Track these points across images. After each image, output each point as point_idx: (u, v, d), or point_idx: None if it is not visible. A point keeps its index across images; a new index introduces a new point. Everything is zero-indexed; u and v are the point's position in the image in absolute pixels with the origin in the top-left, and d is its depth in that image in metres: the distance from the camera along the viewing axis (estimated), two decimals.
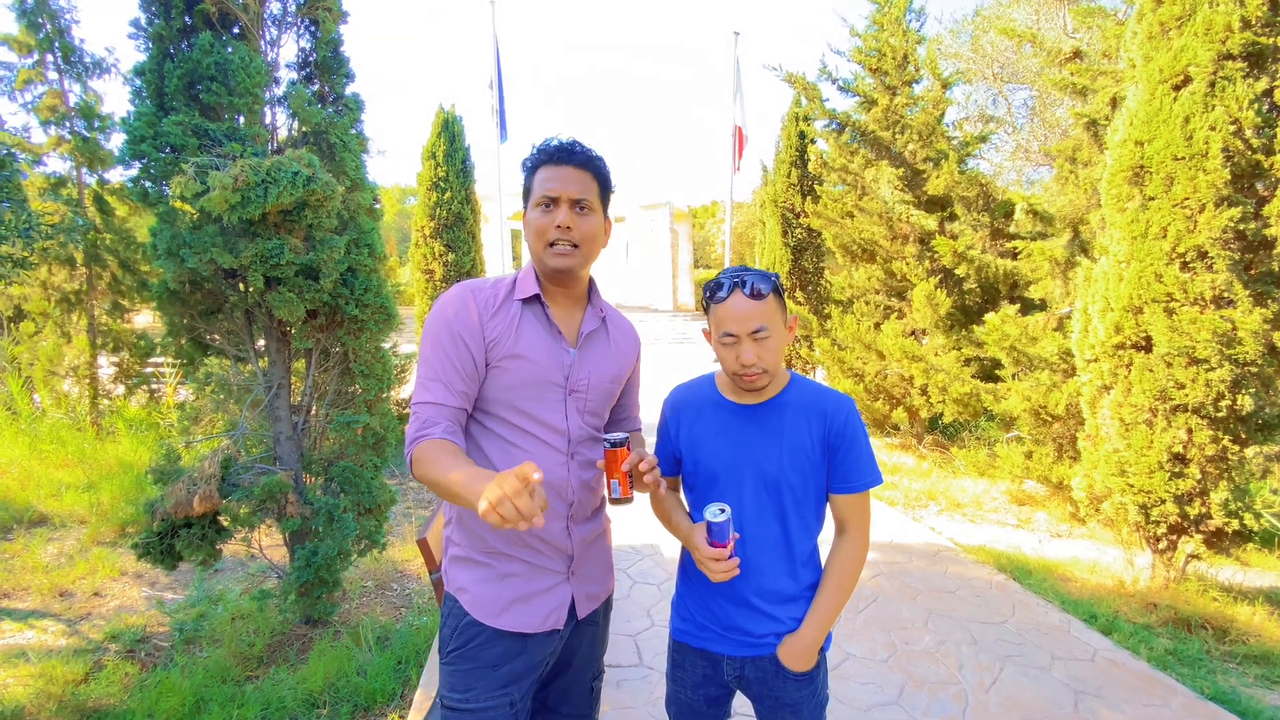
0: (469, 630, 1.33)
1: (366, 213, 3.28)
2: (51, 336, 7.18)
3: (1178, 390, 3.37)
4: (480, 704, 1.30)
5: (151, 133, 2.59)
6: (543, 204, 1.32)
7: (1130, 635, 3.26)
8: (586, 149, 1.35)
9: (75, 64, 6.75)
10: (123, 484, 5.12)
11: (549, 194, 1.30)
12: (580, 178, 1.32)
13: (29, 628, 3.29)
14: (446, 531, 1.43)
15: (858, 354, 7.28)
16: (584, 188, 1.32)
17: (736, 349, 1.33)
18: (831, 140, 7.46)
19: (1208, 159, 3.17)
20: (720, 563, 1.32)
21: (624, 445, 1.28)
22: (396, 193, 34.36)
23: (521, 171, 1.40)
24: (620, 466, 1.27)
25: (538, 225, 1.32)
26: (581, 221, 1.32)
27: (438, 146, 7.82)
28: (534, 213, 1.33)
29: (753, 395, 1.42)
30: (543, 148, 1.34)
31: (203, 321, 3.03)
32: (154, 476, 3.01)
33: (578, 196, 1.31)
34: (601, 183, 1.37)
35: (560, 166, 1.31)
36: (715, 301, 1.35)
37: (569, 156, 1.32)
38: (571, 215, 1.31)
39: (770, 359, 1.33)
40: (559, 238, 1.30)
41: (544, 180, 1.32)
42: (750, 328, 1.31)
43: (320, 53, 3.14)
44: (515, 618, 1.33)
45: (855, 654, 3.08)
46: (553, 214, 1.31)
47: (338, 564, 3.03)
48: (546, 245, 1.32)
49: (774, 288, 1.34)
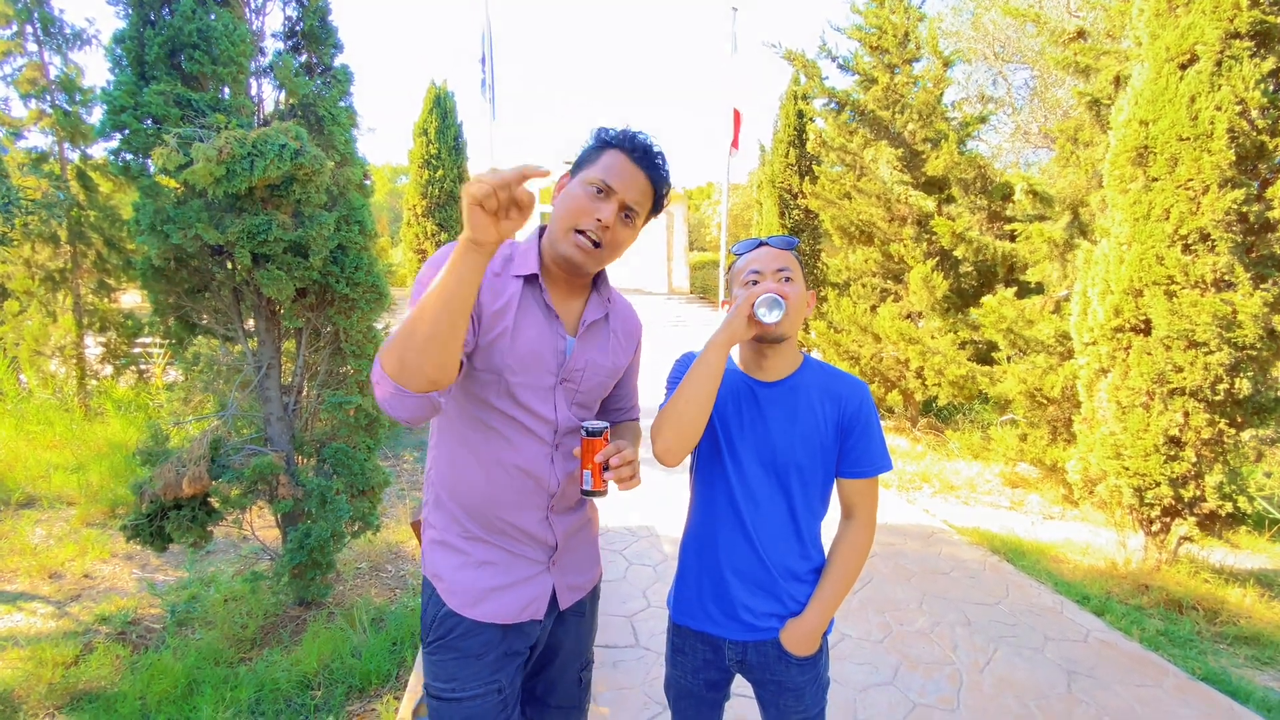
0: (448, 620, 1.27)
1: (356, 188, 3.20)
2: (37, 316, 7.05)
3: (1176, 373, 3.36)
4: (468, 693, 1.26)
5: (132, 103, 2.49)
6: (596, 186, 1.21)
7: (1122, 616, 3.29)
8: (665, 165, 1.27)
9: (55, 35, 6.55)
10: (112, 465, 5.06)
11: (609, 182, 1.20)
12: (644, 186, 1.24)
13: (18, 610, 3.26)
14: (425, 513, 1.37)
15: (854, 337, 7.26)
16: (642, 198, 1.24)
17: (761, 286, 1.30)
18: (830, 119, 7.37)
19: (1213, 140, 3.13)
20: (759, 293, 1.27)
21: (601, 435, 1.21)
22: (388, 171, 33.90)
23: (591, 137, 1.29)
24: (594, 458, 1.20)
25: (579, 204, 1.21)
26: (621, 229, 1.23)
27: (429, 123, 7.67)
28: (580, 189, 1.22)
29: (767, 372, 1.39)
30: (628, 134, 1.25)
31: (190, 300, 2.96)
32: (141, 458, 2.96)
33: (633, 202, 1.22)
34: (656, 203, 1.30)
35: (636, 167, 1.22)
36: (741, 256, 1.42)
37: (647, 160, 1.23)
38: (617, 217, 1.22)
39: (794, 299, 1.31)
40: (591, 229, 1.20)
41: (612, 165, 1.21)
42: (775, 265, 1.35)
43: (307, 22, 3.04)
44: (491, 608, 1.27)
45: (851, 635, 3.09)
46: (600, 204, 1.20)
47: (331, 546, 3.00)
48: (573, 229, 1.21)
49: (794, 247, 1.41)
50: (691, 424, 1.29)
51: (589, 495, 1.24)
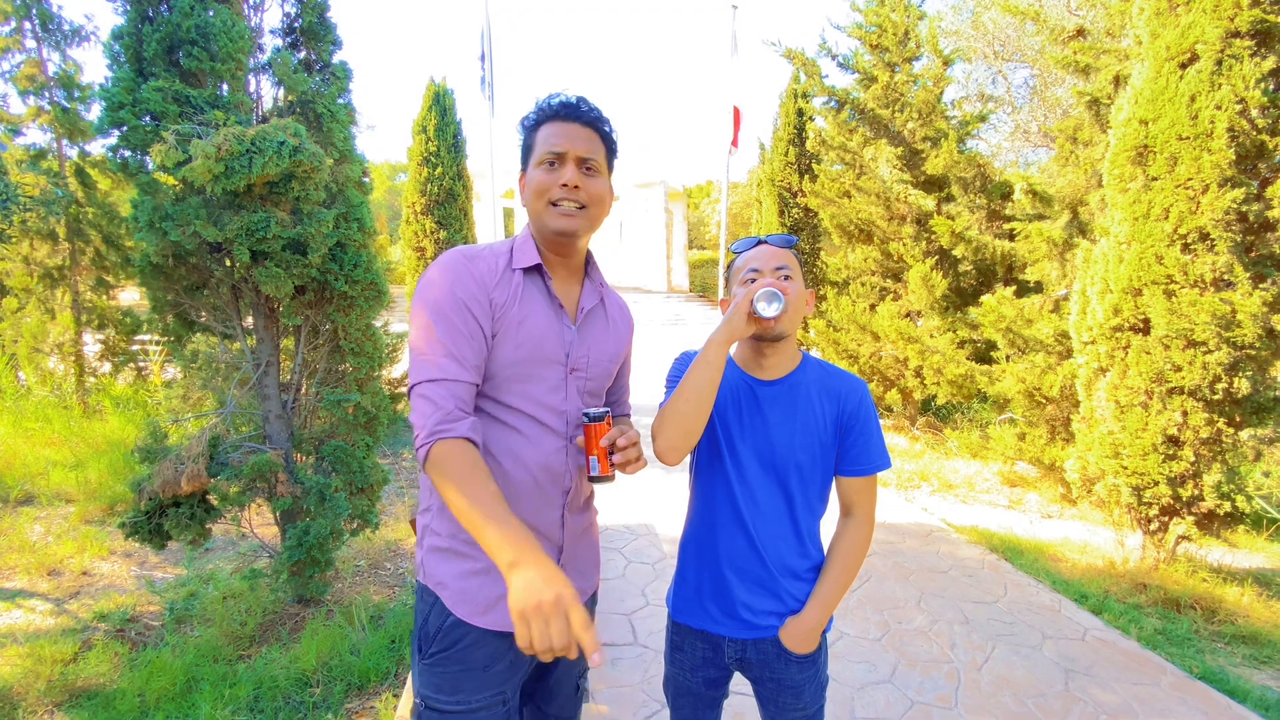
0: (454, 631, 1.23)
1: (355, 186, 3.19)
2: (35, 313, 7.03)
3: (1174, 373, 3.36)
4: (472, 705, 1.22)
5: (130, 99, 2.49)
6: (547, 161, 1.21)
7: (1120, 615, 3.29)
8: (594, 106, 1.25)
9: (54, 31, 6.53)
10: (111, 462, 5.05)
11: (554, 149, 1.20)
12: (588, 135, 1.23)
13: (16, 607, 3.26)
14: (424, 520, 1.33)
15: (853, 335, 7.26)
16: (591, 147, 1.23)
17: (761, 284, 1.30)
18: (830, 118, 7.36)
19: (1213, 139, 3.13)
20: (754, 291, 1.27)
21: (603, 420, 1.21)
22: (386, 169, 33.87)
23: (520, 131, 1.29)
24: (599, 442, 1.20)
25: (540, 184, 1.22)
26: (589, 182, 1.23)
27: (428, 120, 7.65)
28: (536, 171, 1.23)
29: (766, 370, 1.39)
30: (546, 104, 1.24)
31: (188, 297, 2.95)
32: (140, 455, 2.96)
33: (585, 155, 1.21)
34: (609, 146, 1.28)
35: (567, 123, 1.22)
36: (741, 254, 1.42)
37: (576, 113, 1.22)
38: (579, 174, 1.21)
39: (793, 299, 1.32)
40: (564, 197, 1.20)
41: (548, 136, 1.22)
42: (774, 264, 1.35)
43: (306, 18, 3.03)
44: (501, 615, 1.23)
45: (849, 633, 3.10)
46: (558, 172, 1.21)
47: (330, 543, 3.00)
48: (549, 204, 1.22)
49: (794, 246, 1.41)
50: (693, 422, 1.29)
51: (597, 481, 1.23)
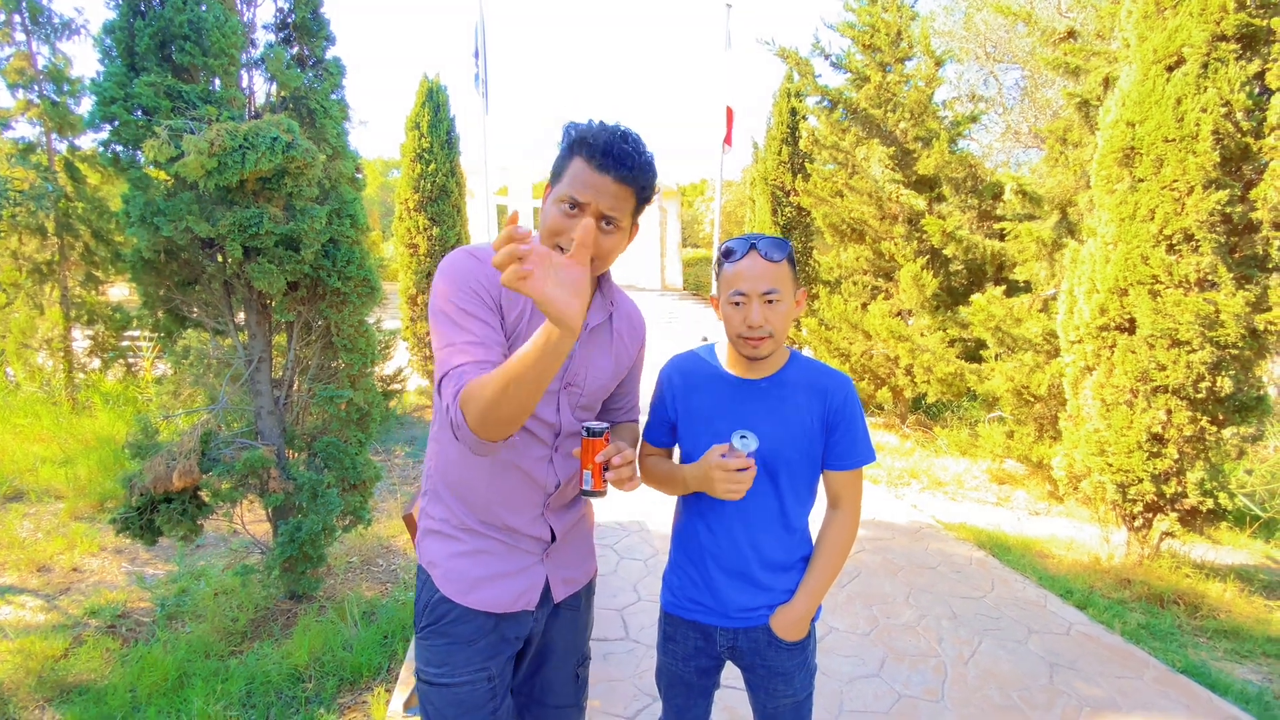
0: (440, 606, 1.29)
1: (348, 182, 3.19)
2: (23, 308, 6.98)
3: (1159, 371, 3.41)
4: (457, 679, 1.28)
5: (122, 94, 2.48)
6: (566, 202, 1.14)
7: (1105, 610, 3.34)
8: (639, 158, 1.14)
9: (43, 24, 6.48)
10: (101, 458, 5.02)
11: (577, 198, 1.13)
12: (618, 193, 1.14)
13: (6, 603, 3.24)
14: (423, 503, 1.39)
15: (844, 334, 7.31)
16: (618, 204, 1.15)
17: (745, 310, 1.31)
18: (823, 117, 7.40)
19: (1198, 141, 3.18)
20: (741, 473, 1.27)
21: (601, 435, 1.21)
22: (379, 165, 33.64)
23: (561, 139, 1.20)
24: (595, 458, 1.21)
25: (554, 224, 1.15)
26: (603, 239, 1.16)
27: (421, 117, 7.64)
28: (554, 207, 1.16)
29: (754, 370, 1.41)
30: (590, 138, 1.13)
31: (180, 293, 2.95)
32: (131, 451, 2.95)
33: (608, 212, 1.14)
34: (641, 200, 1.20)
35: (601, 175, 1.12)
36: (729, 262, 1.34)
37: (615, 166, 1.12)
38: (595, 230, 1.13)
39: (777, 324, 1.32)
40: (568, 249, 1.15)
41: (578, 177, 1.13)
42: (761, 288, 1.30)
43: (299, 13, 3.02)
44: (484, 596, 1.28)
45: (838, 628, 3.13)
46: (573, 220, 1.14)
47: (322, 539, 3.01)
48: (557, 247, 1.15)
49: (788, 256, 1.34)
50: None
51: (588, 495, 1.24)
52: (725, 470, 1.27)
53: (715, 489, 1.30)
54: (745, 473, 1.28)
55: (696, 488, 1.36)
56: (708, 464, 1.30)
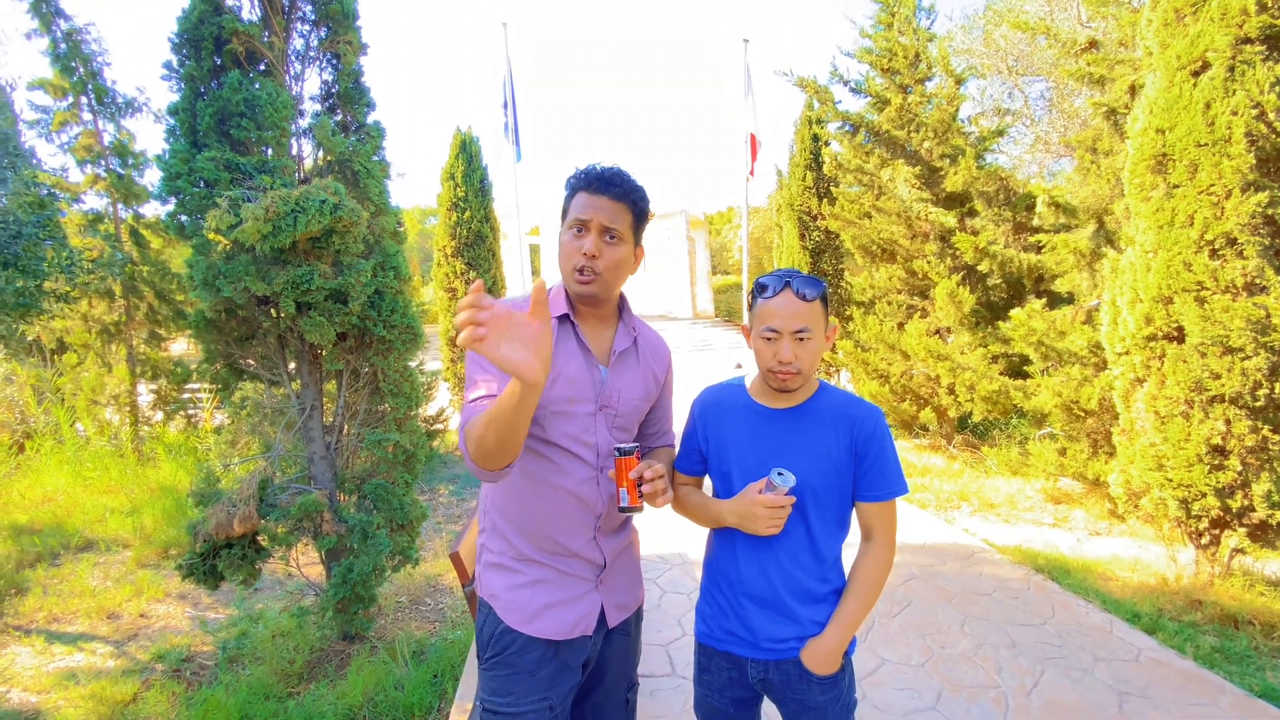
0: (504, 637, 1.36)
1: (391, 236, 3.36)
2: (93, 367, 7.44)
3: (1213, 380, 3.29)
4: (520, 708, 1.33)
5: (186, 169, 2.70)
6: (575, 227, 1.35)
7: (1175, 634, 3.18)
8: (627, 180, 1.36)
9: (108, 104, 7.02)
10: (164, 507, 5.27)
11: (581, 218, 1.33)
12: (614, 208, 1.34)
13: (79, 650, 3.41)
14: (481, 539, 1.47)
15: (882, 355, 7.22)
16: (616, 218, 1.34)
17: (776, 346, 1.36)
18: (846, 141, 7.45)
19: (1231, 144, 3.12)
20: (775, 509, 1.32)
21: (633, 454, 1.30)
22: (418, 213, 34.88)
23: (564, 189, 1.41)
24: (628, 475, 1.29)
25: (567, 249, 1.35)
26: (609, 250, 1.34)
27: (456, 168, 7.97)
28: (566, 235, 1.36)
29: (782, 400, 1.44)
30: (585, 173, 1.37)
31: (238, 347, 3.13)
32: (195, 499, 3.11)
33: (608, 224, 1.33)
34: (636, 215, 1.39)
35: (597, 195, 1.33)
36: (762, 298, 1.39)
37: (607, 187, 1.34)
38: (599, 243, 1.33)
39: (807, 360, 1.36)
40: (584, 264, 1.33)
41: (579, 205, 1.35)
42: (794, 326, 1.34)
43: (342, 84, 3.24)
44: (545, 624, 1.35)
45: (891, 659, 3.05)
46: (582, 240, 1.33)
47: (372, 580, 3.09)
48: (573, 270, 1.35)
49: (821, 295, 1.38)
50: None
51: (626, 511, 1.32)
52: (766, 507, 1.31)
53: (757, 526, 1.34)
54: (784, 509, 1.32)
55: (734, 523, 1.40)
56: (748, 500, 1.35)
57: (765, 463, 1.41)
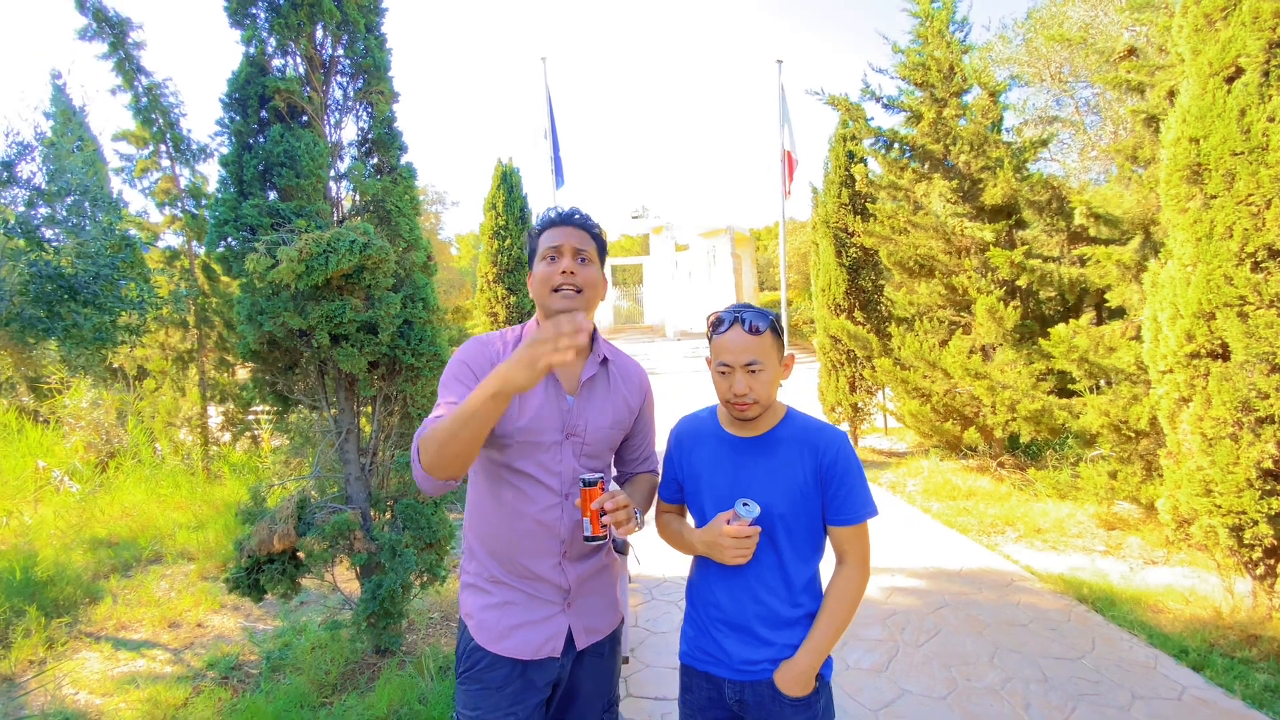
0: (475, 654, 1.45)
1: (420, 269, 3.57)
2: (169, 391, 8.06)
3: (1261, 400, 3.10)
4: None
5: (233, 215, 2.97)
6: (548, 256, 1.49)
7: (1225, 671, 2.98)
8: (586, 215, 1.55)
9: (184, 151, 7.67)
10: (226, 523, 5.63)
11: (553, 245, 1.48)
12: (580, 235, 1.51)
13: (140, 656, 3.69)
14: (461, 561, 1.57)
15: (923, 373, 7.03)
16: (583, 243, 1.51)
17: (730, 379, 1.42)
18: (880, 157, 7.38)
19: (1268, 152, 2.97)
20: (740, 539, 1.38)
21: (596, 484, 1.35)
22: (471, 239, 36.13)
23: (529, 241, 1.59)
24: (591, 505, 1.34)
25: (543, 275, 1.49)
26: (583, 270, 1.49)
27: (497, 198, 8.31)
28: (540, 265, 1.50)
29: (748, 428, 1.49)
30: (546, 216, 1.55)
31: (282, 377, 3.38)
32: (242, 517, 3.35)
33: (579, 247, 1.49)
34: (598, 243, 1.56)
35: (563, 227, 1.51)
36: (716, 334, 1.47)
37: (569, 220, 1.53)
38: (574, 263, 1.48)
39: (761, 391, 1.41)
40: (563, 283, 1.46)
41: (549, 238, 1.51)
42: (744, 360, 1.41)
43: (376, 131, 3.49)
44: (513, 644, 1.43)
45: (912, 690, 2.98)
46: (557, 263, 1.47)
47: (400, 596, 3.25)
48: (552, 291, 1.47)
49: (771, 326, 1.44)
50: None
51: (590, 541, 1.37)
52: (731, 538, 1.37)
53: (724, 556, 1.40)
54: (749, 539, 1.37)
55: (704, 552, 1.46)
56: (715, 531, 1.41)
57: (734, 491, 1.46)
